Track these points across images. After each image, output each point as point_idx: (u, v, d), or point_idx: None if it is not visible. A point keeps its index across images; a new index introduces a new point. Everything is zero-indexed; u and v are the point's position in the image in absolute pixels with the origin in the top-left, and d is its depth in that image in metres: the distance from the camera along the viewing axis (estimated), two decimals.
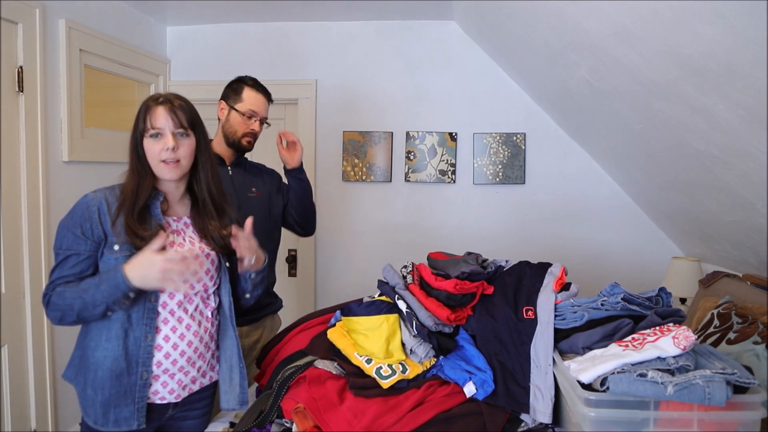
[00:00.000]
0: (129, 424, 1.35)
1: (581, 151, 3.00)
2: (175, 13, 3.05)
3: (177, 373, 1.42)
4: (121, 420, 1.35)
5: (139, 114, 1.38)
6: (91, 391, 1.35)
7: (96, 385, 1.35)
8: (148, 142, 1.37)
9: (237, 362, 1.51)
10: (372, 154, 3.14)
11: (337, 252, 3.23)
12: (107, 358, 1.34)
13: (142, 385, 1.36)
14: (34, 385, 2.27)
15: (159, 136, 1.37)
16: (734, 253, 2.23)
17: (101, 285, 1.29)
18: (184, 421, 1.52)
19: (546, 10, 1.89)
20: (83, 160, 2.53)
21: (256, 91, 2.02)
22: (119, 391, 1.35)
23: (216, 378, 1.54)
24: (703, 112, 1.53)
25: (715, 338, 1.63)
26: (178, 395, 1.43)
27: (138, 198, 1.37)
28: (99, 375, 1.35)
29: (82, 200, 1.37)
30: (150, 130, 1.37)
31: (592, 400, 1.17)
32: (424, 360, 1.52)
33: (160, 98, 1.39)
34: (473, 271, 1.59)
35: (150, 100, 1.39)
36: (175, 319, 1.40)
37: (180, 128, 1.38)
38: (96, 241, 1.34)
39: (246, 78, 2.05)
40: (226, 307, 1.52)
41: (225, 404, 1.52)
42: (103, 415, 1.35)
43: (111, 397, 1.34)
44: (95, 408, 1.35)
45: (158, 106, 1.38)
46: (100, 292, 1.29)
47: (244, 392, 1.52)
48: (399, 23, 3.10)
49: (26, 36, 2.20)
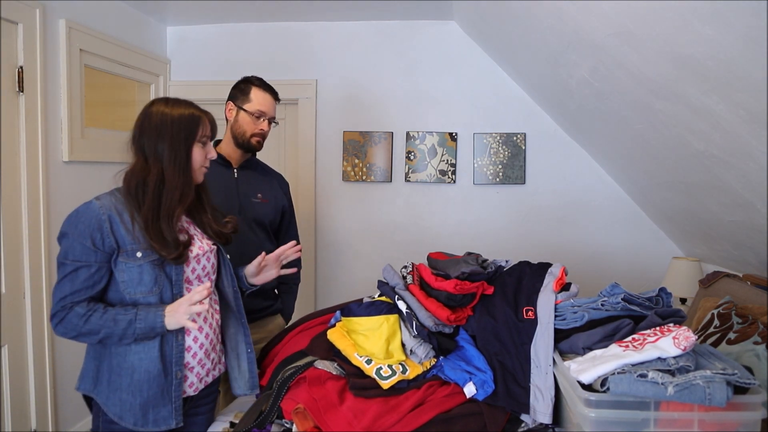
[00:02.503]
0: (168, 423, 1.38)
1: (581, 151, 3.00)
2: (175, 13, 3.05)
3: (196, 366, 1.45)
4: (160, 420, 1.37)
5: (191, 122, 1.42)
6: (128, 395, 1.36)
7: (134, 388, 1.36)
8: (198, 148, 1.44)
9: (244, 349, 1.57)
10: (372, 154, 3.14)
11: (337, 252, 3.23)
12: (143, 360, 1.36)
13: (177, 384, 1.39)
14: (34, 385, 2.27)
15: (205, 144, 1.47)
16: (734, 253, 2.23)
17: (137, 323, 1.31)
18: (196, 416, 1.54)
19: (546, 10, 1.89)
20: (83, 160, 2.53)
21: (264, 91, 2.01)
22: (157, 392, 1.36)
23: (224, 369, 1.58)
24: (703, 112, 1.53)
25: (716, 338, 1.63)
26: (197, 388, 1.46)
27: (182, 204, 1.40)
28: (136, 378, 1.36)
29: (89, 209, 1.33)
30: (203, 138, 1.45)
31: (593, 401, 1.17)
32: (424, 360, 1.51)
33: (199, 107, 1.48)
34: (473, 272, 1.58)
35: (195, 110, 1.45)
36: None
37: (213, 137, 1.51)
38: (107, 252, 1.33)
39: (253, 78, 2.04)
40: (230, 297, 1.56)
41: (237, 390, 1.57)
42: (143, 416, 1.36)
43: (150, 399, 1.36)
44: (134, 411, 1.36)
45: (204, 115, 1.46)
46: (134, 329, 1.31)
47: (254, 377, 1.57)
48: (399, 23, 3.10)
49: (26, 36, 2.20)
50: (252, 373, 1.57)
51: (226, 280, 1.56)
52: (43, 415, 2.31)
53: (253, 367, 1.57)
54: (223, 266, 1.56)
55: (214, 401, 1.61)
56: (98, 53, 2.64)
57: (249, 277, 1.66)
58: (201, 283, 1.47)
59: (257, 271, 1.67)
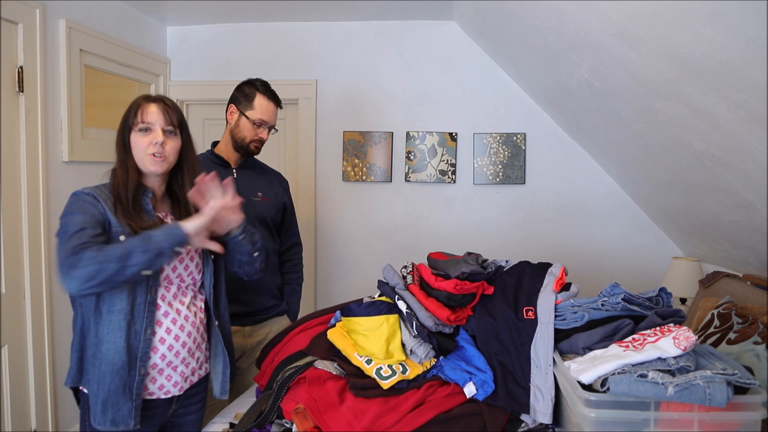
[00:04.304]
0: (126, 423, 1.34)
1: (581, 151, 3.00)
2: (175, 13, 3.05)
3: (180, 365, 1.44)
4: (119, 419, 1.34)
5: (129, 110, 1.44)
6: (95, 385, 1.36)
7: (99, 379, 1.35)
8: (137, 136, 1.43)
9: (220, 351, 1.56)
10: (372, 154, 3.13)
11: (337, 252, 3.23)
12: (110, 351, 1.35)
13: (139, 382, 1.37)
14: (34, 385, 2.27)
15: (148, 131, 1.43)
16: (734, 253, 2.23)
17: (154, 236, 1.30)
18: (185, 416, 1.54)
19: (546, 10, 1.89)
20: (83, 160, 2.53)
21: (268, 100, 2.00)
22: (119, 385, 1.35)
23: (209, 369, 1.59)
24: (703, 112, 1.53)
25: (716, 338, 1.63)
26: (182, 387, 1.46)
27: (127, 190, 1.40)
28: (102, 369, 1.35)
29: (78, 193, 1.39)
30: (140, 125, 1.42)
31: (593, 401, 1.17)
32: (424, 360, 1.51)
33: (152, 97, 1.46)
34: (473, 272, 1.58)
35: (141, 99, 1.45)
36: (174, 311, 1.43)
37: (170, 126, 1.44)
38: (101, 221, 1.35)
39: (257, 83, 2.02)
40: (209, 298, 1.56)
41: (213, 392, 1.58)
42: (102, 413, 1.34)
43: (110, 393, 1.34)
44: (96, 405, 1.35)
45: (150, 103, 1.44)
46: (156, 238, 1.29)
47: (226, 381, 1.57)
48: (399, 23, 3.09)
49: (26, 36, 2.20)
50: (224, 376, 1.56)
51: (207, 281, 1.55)
52: (43, 415, 2.31)
53: (226, 370, 1.56)
54: (206, 267, 1.54)
55: (203, 400, 1.60)
56: (98, 53, 2.64)
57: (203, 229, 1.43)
58: (182, 283, 1.47)
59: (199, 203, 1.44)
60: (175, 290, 1.46)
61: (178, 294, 1.46)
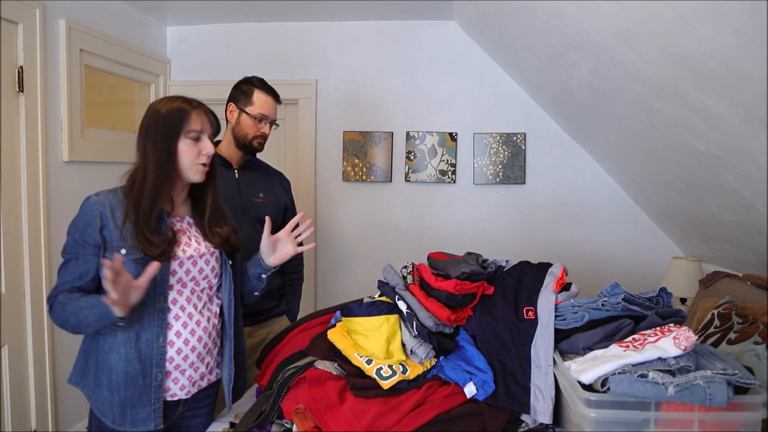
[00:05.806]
0: (146, 425, 1.37)
1: (581, 151, 3.00)
2: (175, 13, 3.05)
3: (188, 369, 1.43)
4: (138, 421, 1.36)
5: (173, 115, 1.37)
6: (108, 392, 1.36)
7: (112, 387, 1.36)
8: (186, 144, 1.38)
9: (228, 362, 1.55)
10: (372, 154, 3.13)
11: (337, 252, 3.23)
12: (120, 361, 1.35)
13: (157, 387, 1.38)
14: (34, 385, 2.27)
15: (198, 140, 1.39)
16: (734, 253, 2.23)
17: (93, 309, 1.27)
18: (193, 419, 1.54)
19: (546, 10, 1.89)
20: (83, 160, 2.53)
21: (266, 94, 2.01)
22: (135, 393, 1.35)
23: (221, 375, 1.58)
24: (703, 112, 1.53)
25: (716, 338, 1.63)
26: (189, 392, 1.45)
27: (157, 201, 1.36)
28: (114, 378, 1.35)
29: (86, 204, 1.35)
30: (191, 133, 1.38)
31: (593, 401, 1.17)
32: (424, 360, 1.51)
33: (193, 102, 1.41)
34: (473, 272, 1.58)
35: (184, 103, 1.39)
36: (185, 314, 1.42)
37: (213, 134, 1.44)
38: (93, 245, 1.33)
39: (254, 80, 2.03)
40: (225, 306, 1.54)
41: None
42: (121, 416, 1.36)
43: (127, 399, 1.35)
44: (113, 409, 1.36)
45: (194, 109, 1.39)
46: (93, 316, 1.27)
47: (229, 394, 1.55)
48: (399, 23, 3.09)
49: (26, 36, 2.20)
50: (227, 389, 1.55)
51: (225, 288, 1.54)
52: (43, 415, 2.31)
53: (229, 384, 1.55)
54: (224, 272, 1.53)
55: (213, 404, 1.60)
56: (98, 53, 2.64)
57: (265, 257, 1.61)
58: (197, 286, 1.45)
59: (272, 247, 1.61)
60: (188, 294, 1.44)
61: (191, 297, 1.44)
